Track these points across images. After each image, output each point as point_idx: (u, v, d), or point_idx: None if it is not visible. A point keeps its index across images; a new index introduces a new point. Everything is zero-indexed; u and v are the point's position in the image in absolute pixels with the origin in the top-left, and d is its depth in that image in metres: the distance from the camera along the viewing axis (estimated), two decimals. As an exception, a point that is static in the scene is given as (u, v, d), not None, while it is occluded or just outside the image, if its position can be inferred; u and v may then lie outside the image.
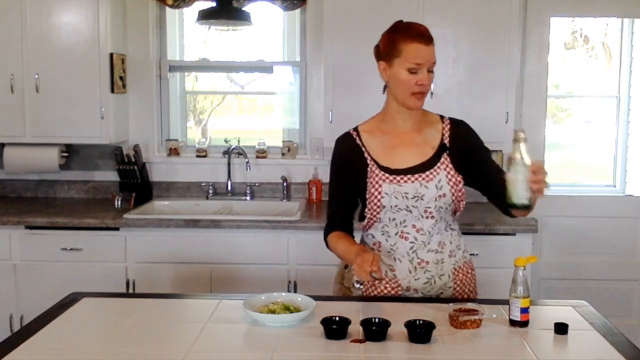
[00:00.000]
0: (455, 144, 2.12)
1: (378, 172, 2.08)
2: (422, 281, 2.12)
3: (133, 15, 3.96)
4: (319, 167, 4.02)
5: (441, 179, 2.06)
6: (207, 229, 3.39)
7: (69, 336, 1.82)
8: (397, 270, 2.12)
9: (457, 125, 2.17)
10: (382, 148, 2.12)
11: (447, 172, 2.07)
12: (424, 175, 2.07)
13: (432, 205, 2.06)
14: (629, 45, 4.17)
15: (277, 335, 1.80)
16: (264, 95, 4.58)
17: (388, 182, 2.06)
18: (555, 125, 4.46)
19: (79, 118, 3.68)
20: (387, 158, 2.10)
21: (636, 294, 4.16)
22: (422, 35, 2.01)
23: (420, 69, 2.01)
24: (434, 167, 2.08)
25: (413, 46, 2.00)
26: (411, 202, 2.05)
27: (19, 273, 3.43)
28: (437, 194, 2.06)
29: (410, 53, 2.00)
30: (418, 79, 2.01)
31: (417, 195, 2.05)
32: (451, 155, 2.11)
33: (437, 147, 2.11)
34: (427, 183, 2.06)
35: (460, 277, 2.17)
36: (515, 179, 1.76)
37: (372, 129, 2.18)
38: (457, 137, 2.13)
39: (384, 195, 2.06)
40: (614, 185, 4.30)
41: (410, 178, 2.06)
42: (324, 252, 3.36)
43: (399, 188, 2.05)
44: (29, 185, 4.10)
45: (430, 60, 2.01)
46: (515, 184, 1.77)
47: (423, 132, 2.14)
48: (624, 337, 1.81)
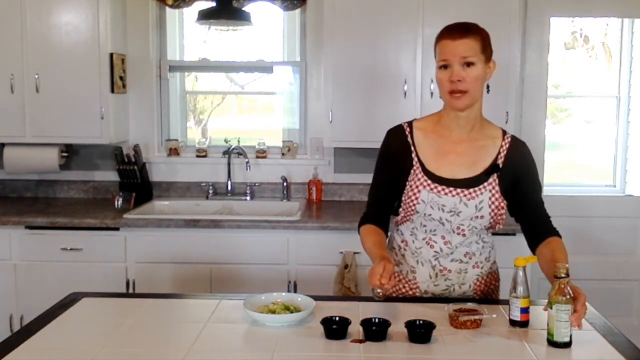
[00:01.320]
0: (509, 167, 2.01)
1: (421, 176, 1.99)
2: (442, 287, 2.09)
3: (133, 15, 3.96)
4: (319, 167, 4.02)
5: (483, 200, 1.97)
6: (207, 229, 3.39)
7: (69, 336, 1.82)
8: (417, 272, 2.09)
9: (517, 147, 2.05)
10: (433, 151, 2.02)
11: (491, 194, 1.98)
12: (467, 192, 1.97)
13: (466, 223, 1.99)
14: (629, 45, 4.17)
15: (277, 335, 1.79)
16: (264, 95, 4.58)
17: (428, 190, 1.98)
18: (555, 125, 4.46)
19: (79, 118, 3.68)
20: (435, 163, 2.00)
21: (636, 294, 4.16)
22: (451, 31, 1.92)
23: (450, 65, 1.90)
24: (479, 186, 1.98)
25: (441, 44, 1.93)
26: (446, 216, 1.98)
27: (19, 273, 3.43)
28: (474, 214, 1.98)
29: (439, 51, 1.94)
30: (449, 75, 1.91)
31: (454, 211, 1.97)
32: (501, 177, 2.00)
33: (489, 165, 2.00)
34: (468, 201, 1.97)
35: (482, 288, 2.12)
36: (558, 317, 1.71)
37: (426, 128, 2.06)
38: (513, 161, 2.02)
39: (420, 202, 1.98)
40: (614, 185, 4.30)
41: (452, 191, 1.97)
42: (324, 252, 3.39)
43: (437, 199, 1.97)
44: (29, 185, 4.10)
45: (458, 54, 1.88)
46: (558, 324, 1.71)
47: (478, 144, 2.02)
48: (624, 337, 1.81)
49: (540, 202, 2.10)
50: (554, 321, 1.72)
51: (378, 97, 3.61)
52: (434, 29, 2.06)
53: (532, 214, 2.06)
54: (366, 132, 3.58)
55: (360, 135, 3.62)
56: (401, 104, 3.57)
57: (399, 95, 3.59)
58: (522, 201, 2.05)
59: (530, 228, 2.08)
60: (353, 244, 3.03)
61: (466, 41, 1.90)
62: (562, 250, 1.99)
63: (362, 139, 3.62)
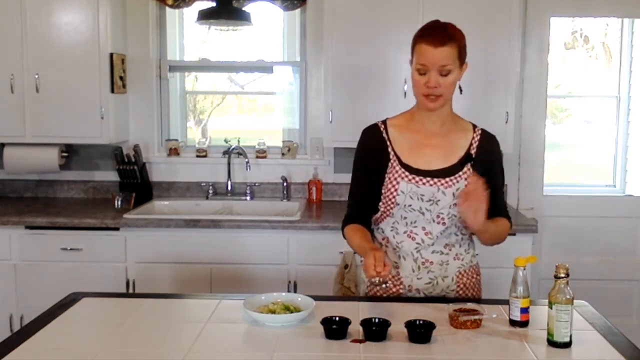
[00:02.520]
0: (481, 157, 2.10)
1: (399, 168, 2.07)
2: (425, 281, 2.12)
3: (133, 15, 3.96)
4: (319, 167, 4.02)
5: (460, 188, 2.04)
6: (207, 229, 3.39)
7: (69, 336, 1.82)
8: (401, 268, 2.12)
9: (488, 139, 2.15)
10: (408, 145, 2.11)
11: (467, 182, 2.04)
12: (444, 181, 2.05)
13: (445, 211, 2.05)
14: (629, 45, 4.17)
15: (277, 335, 1.80)
16: (264, 95, 4.58)
17: (406, 181, 2.05)
18: (555, 125, 4.46)
19: (79, 118, 3.68)
20: (411, 156, 2.09)
21: (636, 294, 4.16)
22: (432, 36, 1.97)
23: (428, 71, 1.98)
24: (455, 175, 2.06)
25: (421, 47, 1.99)
26: (425, 205, 2.05)
27: (19, 273, 3.43)
28: (453, 201, 2.04)
29: (418, 53, 2.00)
30: (426, 80, 1.99)
31: (433, 199, 2.04)
32: (474, 166, 2.08)
33: (463, 155, 2.09)
34: (446, 189, 2.04)
35: (465, 281, 2.16)
36: (558, 317, 1.71)
37: (400, 125, 2.15)
38: (484, 151, 2.12)
39: (399, 193, 2.05)
40: (614, 185, 4.30)
41: (430, 181, 2.04)
42: (324, 252, 3.39)
43: (416, 189, 2.04)
44: (29, 185, 4.10)
45: (437, 62, 1.96)
46: (558, 324, 1.72)
47: (451, 137, 2.11)
48: (624, 337, 1.82)
49: (501, 193, 2.21)
50: (554, 321, 1.72)
51: (378, 97, 3.61)
52: (434, 29, 2.06)
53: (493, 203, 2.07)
54: (366, 132, 3.57)
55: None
56: (401, 104, 3.53)
57: (398, 95, 3.59)
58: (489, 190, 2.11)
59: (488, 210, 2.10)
60: (353, 244, 3.02)
61: (446, 49, 1.97)
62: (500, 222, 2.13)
63: (362, 139, 3.60)
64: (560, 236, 4.11)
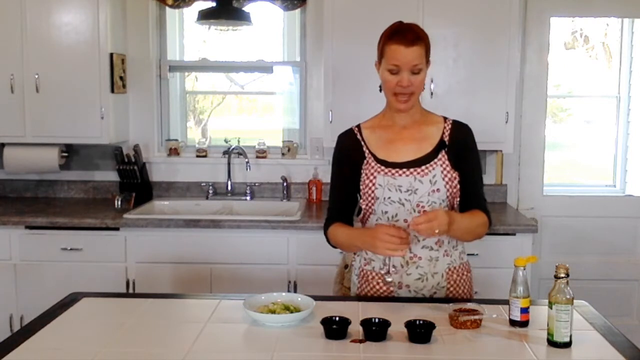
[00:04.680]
0: (454, 144, 2.14)
1: (374, 164, 2.12)
2: (414, 277, 2.13)
3: (133, 15, 3.96)
4: (319, 167, 4.02)
5: (436, 174, 2.08)
6: (207, 229, 3.39)
7: (69, 336, 1.82)
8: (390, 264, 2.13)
9: (460, 127, 2.18)
10: (381, 142, 2.16)
11: (443, 168, 2.09)
12: (419, 170, 2.08)
13: (424, 199, 2.07)
14: (629, 45, 4.17)
15: (277, 335, 1.80)
16: (264, 95, 4.58)
17: (383, 174, 2.09)
18: (555, 125, 4.46)
19: (79, 118, 3.68)
20: (385, 152, 2.14)
21: (636, 294, 4.16)
22: (403, 37, 2.01)
23: (400, 71, 2.02)
24: (430, 163, 2.10)
25: (392, 47, 2.02)
26: (404, 195, 2.08)
27: (19, 273, 3.43)
28: (430, 188, 2.07)
29: (389, 54, 2.03)
30: (398, 80, 2.04)
31: (411, 189, 2.07)
32: (449, 152, 2.12)
33: (436, 143, 2.13)
34: (422, 177, 2.08)
35: (455, 278, 2.17)
36: (558, 317, 1.71)
37: (373, 126, 2.22)
38: (457, 139, 2.15)
39: (377, 187, 2.09)
40: (614, 185, 4.30)
41: (405, 172, 2.09)
42: (324, 252, 3.37)
43: (392, 180, 2.08)
44: (29, 185, 4.10)
45: (409, 62, 2.01)
46: (558, 324, 1.72)
47: (423, 129, 2.16)
48: (624, 337, 1.82)
49: (479, 184, 2.19)
50: (554, 321, 1.72)
51: (378, 97, 3.57)
52: (434, 30, 2.07)
53: (469, 192, 2.12)
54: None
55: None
56: (401, 104, 3.57)
57: (399, 95, 3.58)
58: (463, 178, 2.12)
59: (465, 205, 2.13)
60: (353, 244, 3.02)
61: (416, 49, 2.02)
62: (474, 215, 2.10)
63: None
64: (560, 236, 4.11)
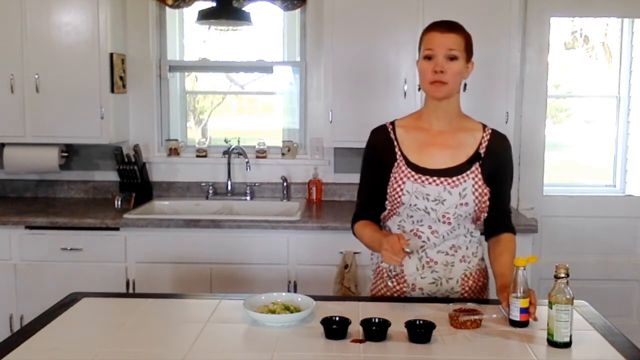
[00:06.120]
0: (490, 156, 2.07)
1: (405, 168, 2.06)
2: (428, 281, 2.11)
3: (133, 15, 3.96)
4: (319, 167, 4.02)
5: (467, 187, 2.03)
6: (207, 229, 3.39)
7: (69, 336, 1.82)
8: (405, 266, 2.11)
9: (498, 138, 2.12)
10: (415, 145, 2.10)
11: (474, 181, 2.03)
12: (450, 180, 2.03)
13: (451, 211, 2.03)
14: (629, 45, 4.17)
15: (277, 335, 1.79)
16: (264, 95, 4.58)
17: (412, 181, 2.04)
18: (555, 125, 4.46)
19: (79, 118, 3.68)
20: (417, 155, 2.08)
21: (636, 294, 4.16)
22: (439, 24, 2.03)
23: (435, 56, 1.99)
24: (462, 174, 2.04)
25: (428, 35, 2.04)
26: (431, 205, 2.03)
27: (19, 273, 3.43)
28: (459, 201, 2.02)
29: (426, 41, 2.04)
30: (433, 65, 1.99)
31: (439, 199, 2.02)
32: (483, 166, 2.06)
33: (472, 154, 2.07)
34: (452, 189, 2.02)
35: (470, 284, 2.14)
36: (558, 317, 1.71)
37: (408, 125, 2.15)
38: (494, 151, 2.08)
39: (404, 193, 2.04)
40: (614, 185, 4.30)
41: (436, 180, 2.03)
42: (324, 252, 3.39)
43: (421, 188, 2.03)
44: (29, 185, 4.10)
45: (444, 45, 1.99)
46: (558, 324, 1.72)
47: (459, 136, 2.09)
48: (624, 337, 1.81)
49: (508, 197, 2.19)
50: (554, 321, 1.72)
51: (378, 97, 3.61)
52: (434, 29, 2.06)
53: (497, 207, 2.10)
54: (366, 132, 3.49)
55: (360, 135, 3.54)
56: (401, 104, 3.57)
57: (399, 95, 3.59)
58: (494, 192, 2.09)
59: (491, 218, 2.12)
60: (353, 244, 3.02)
61: (453, 35, 2.01)
62: (511, 251, 2.10)
63: (362, 139, 3.51)
64: (560, 236, 4.11)
